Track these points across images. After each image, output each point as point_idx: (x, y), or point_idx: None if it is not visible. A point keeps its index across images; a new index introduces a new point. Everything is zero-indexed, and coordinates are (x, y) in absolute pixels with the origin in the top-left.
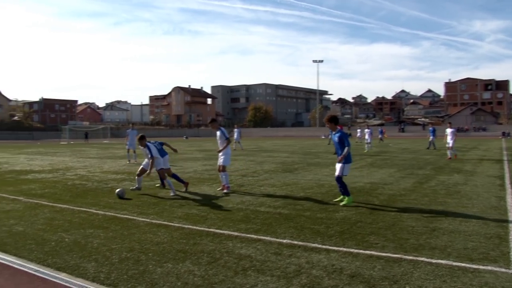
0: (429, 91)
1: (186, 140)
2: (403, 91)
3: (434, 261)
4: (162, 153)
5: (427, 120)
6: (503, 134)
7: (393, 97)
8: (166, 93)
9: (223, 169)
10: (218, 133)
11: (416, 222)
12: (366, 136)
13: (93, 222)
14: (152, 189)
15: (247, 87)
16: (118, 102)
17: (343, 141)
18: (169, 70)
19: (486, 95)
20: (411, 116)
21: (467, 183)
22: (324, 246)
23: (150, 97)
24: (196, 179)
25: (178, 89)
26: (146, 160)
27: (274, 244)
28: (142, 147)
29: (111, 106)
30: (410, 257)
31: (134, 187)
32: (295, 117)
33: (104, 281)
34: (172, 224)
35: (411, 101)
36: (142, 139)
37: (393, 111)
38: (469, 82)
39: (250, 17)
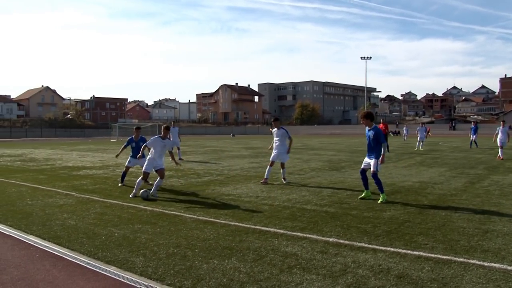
0: (483, 87)
1: (233, 138)
2: (454, 87)
3: (486, 264)
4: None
5: (479, 117)
6: None
7: (444, 94)
8: (213, 91)
9: (283, 165)
10: (277, 131)
11: (467, 223)
12: (419, 134)
13: (141, 217)
14: (199, 186)
15: (294, 85)
16: (166, 100)
17: (378, 137)
18: (217, 68)
19: None
20: (462, 114)
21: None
22: (370, 246)
23: (197, 95)
24: (243, 177)
25: (225, 87)
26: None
27: (320, 242)
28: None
29: (159, 104)
30: (461, 259)
31: (132, 194)
32: (342, 115)
33: (151, 276)
34: (219, 221)
35: (463, 98)
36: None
37: (443, 108)
38: None
39: (297, 14)
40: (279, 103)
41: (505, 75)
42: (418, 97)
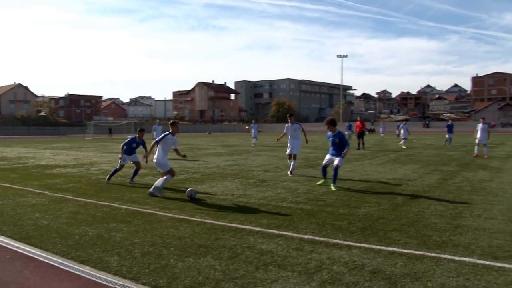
0: (455, 86)
1: (209, 135)
2: (428, 86)
3: (457, 258)
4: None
5: (452, 115)
6: None
7: (418, 92)
8: (189, 88)
9: (294, 157)
10: (292, 126)
11: (439, 219)
12: (402, 132)
13: (116, 216)
14: (175, 184)
15: (271, 83)
16: (142, 97)
17: (343, 141)
18: (193, 65)
19: None
20: (436, 112)
21: (493, 180)
22: (345, 242)
23: (174, 92)
24: (219, 175)
25: (201, 85)
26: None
27: (295, 239)
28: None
29: (135, 101)
30: (433, 254)
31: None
32: (319, 113)
33: (126, 275)
34: (194, 219)
35: (437, 96)
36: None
37: (418, 106)
38: (498, 77)
39: (275, 12)
40: (256, 100)
41: (477, 74)
42: (393, 95)
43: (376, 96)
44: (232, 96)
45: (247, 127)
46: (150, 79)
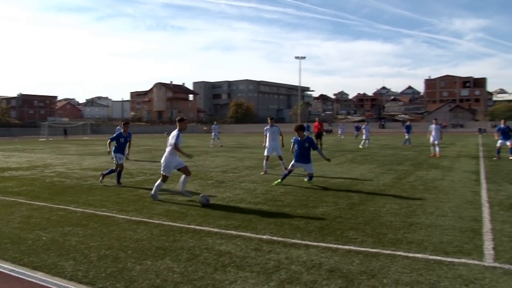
0: (410, 88)
1: (167, 137)
2: (384, 87)
3: (411, 255)
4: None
5: (406, 116)
6: (480, 130)
7: (374, 93)
8: (147, 89)
9: (280, 158)
10: (272, 128)
11: (394, 217)
12: (364, 132)
13: (72, 219)
14: (132, 186)
15: (229, 83)
16: (99, 98)
17: (313, 146)
18: (151, 66)
19: (464, 92)
20: (391, 113)
21: (445, 179)
22: (303, 242)
23: (131, 93)
24: (177, 176)
25: (159, 85)
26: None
27: (254, 240)
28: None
29: (91, 102)
30: (388, 252)
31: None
32: (277, 114)
33: (82, 280)
34: (152, 221)
35: (392, 97)
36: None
37: (374, 107)
38: (448, 80)
39: (234, 13)
40: (214, 101)
41: (429, 76)
42: (350, 97)
43: (333, 97)
44: (191, 97)
45: (205, 128)
46: (107, 79)
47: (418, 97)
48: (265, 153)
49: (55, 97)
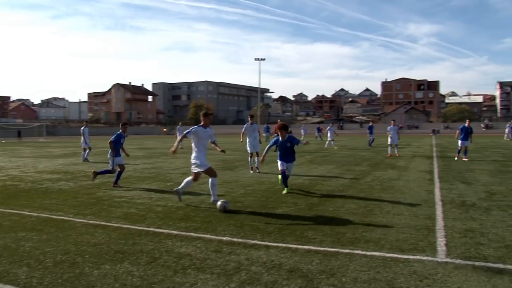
0: (367, 90)
1: (126, 138)
2: (342, 89)
3: (368, 253)
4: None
5: (364, 118)
6: (433, 131)
7: (333, 95)
8: (105, 90)
9: (257, 154)
10: (252, 126)
11: (352, 217)
12: (329, 134)
13: (26, 224)
14: (90, 189)
15: (189, 85)
16: (55, 99)
17: (294, 143)
18: (110, 66)
19: (419, 95)
20: (349, 114)
21: (400, 178)
22: (263, 243)
23: (89, 94)
24: (136, 178)
25: (118, 86)
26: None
27: (214, 241)
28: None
29: (47, 103)
30: (347, 251)
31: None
32: (236, 115)
33: (36, 287)
34: (110, 224)
35: (350, 99)
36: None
37: (332, 109)
38: (404, 82)
39: (194, 14)
40: (174, 103)
41: (386, 79)
42: (309, 98)
43: (292, 98)
44: (150, 98)
45: (165, 129)
46: (63, 80)
47: (375, 99)
48: (249, 151)
49: (8, 97)
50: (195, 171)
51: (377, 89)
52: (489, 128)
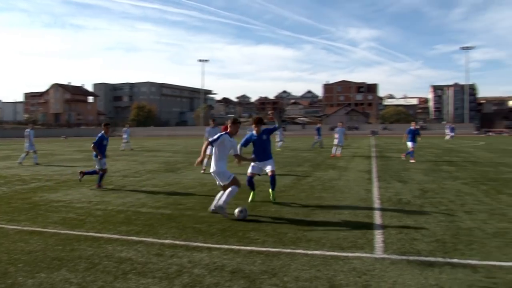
0: (309, 92)
1: (65, 140)
2: (285, 91)
3: (310, 252)
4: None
5: (306, 119)
6: (372, 132)
7: (276, 97)
8: (43, 90)
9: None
10: (213, 129)
11: (294, 217)
12: (278, 135)
13: None
14: (25, 194)
15: (131, 86)
16: None
17: (271, 132)
18: (48, 65)
19: (359, 97)
20: (292, 116)
21: (341, 178)
22: (206, 245)
23: (25, 94)
24: (75, 181)
25: (57, 86)
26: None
27: (155, 245)
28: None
29: None
30: (288, 250)
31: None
32: (179, 116)
33: None
34: (47, 230)
35: (292, 101)
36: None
37: (275, 110)
38: (344, 85)
39: (137, 13)
40: (115, 104)
41: (327, 81)
42: (252, 100)
43: (236, 100)
44: (90, 99)
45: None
46: None
47: (317, 100)
48: (208, 152)
49: None
50: (222, 183)
51: (319, 91)
52: (423, 129)
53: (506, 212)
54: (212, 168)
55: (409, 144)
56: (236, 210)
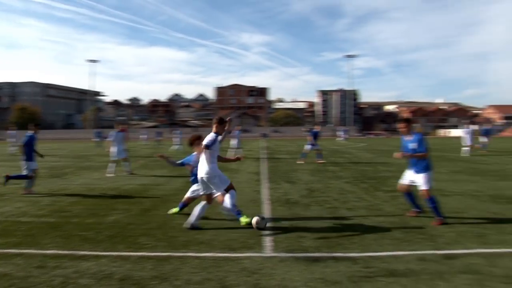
0: (201, 95)
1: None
2: (177, 94)
3: (201, 254)
4: None
5: (198, 122)
6: (263, 135)
7: (168, 100)
8: None
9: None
10: (119, 134)
11: (185, 220)
12: (175, 138)
13: None
14: None
15: (12, 85)
16: None
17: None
18: None
19: (250, 100)
20: (183, 119)
21: (232, 180)
22: (93, 253)
23: None
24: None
25: None
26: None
27: (37, 256)
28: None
29: None
30: (179, 254)
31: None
32: (66, 119)
33: None
34: None
35: (184, 104)
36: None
37: (167, 113)
38: (237, 88)
39: (20, 7)
40: None
41: (220, 85)
42: (144, 102)
43: (127, 102)
44: None
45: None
46: None
47: (209, 103)
48: (113, 157)
49: None
50: (215, 191)
51: (211, 94)
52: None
53: (382, 207)
54: (203, 173)
55: (308, 146)
56: (256, 219)
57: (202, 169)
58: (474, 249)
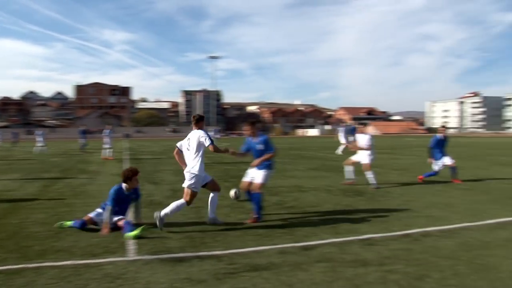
0: (59, 93)
1: None
2: (31, 92)
3: (58, 263)
4: None
5: (56, 122)
6: (126, 135)
7: (21, 97)
8: None
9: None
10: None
11: (41, 227)
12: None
13: None
14: None
15: None
16: None
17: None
18: None
19: (112, 100)
20: (40, 118)
21: (93, 183)
22: None
23: None
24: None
25: None
26: None
27: None
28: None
29: None
30: (34, 265)
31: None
32: None
33: None
34: None
35: (41, 102)
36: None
37: (21, 112)
38: (98, 87)
39: None
40: None
41: (80, 83)
42: None
43: None
44: None
45: None
46: None
47: (68, 102)
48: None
49: None
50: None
51: (70, 93)
52: (176, 132)
53: (244, 205)
54: (196, 170)
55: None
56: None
57: (196, 167)
58: (328, 239)
